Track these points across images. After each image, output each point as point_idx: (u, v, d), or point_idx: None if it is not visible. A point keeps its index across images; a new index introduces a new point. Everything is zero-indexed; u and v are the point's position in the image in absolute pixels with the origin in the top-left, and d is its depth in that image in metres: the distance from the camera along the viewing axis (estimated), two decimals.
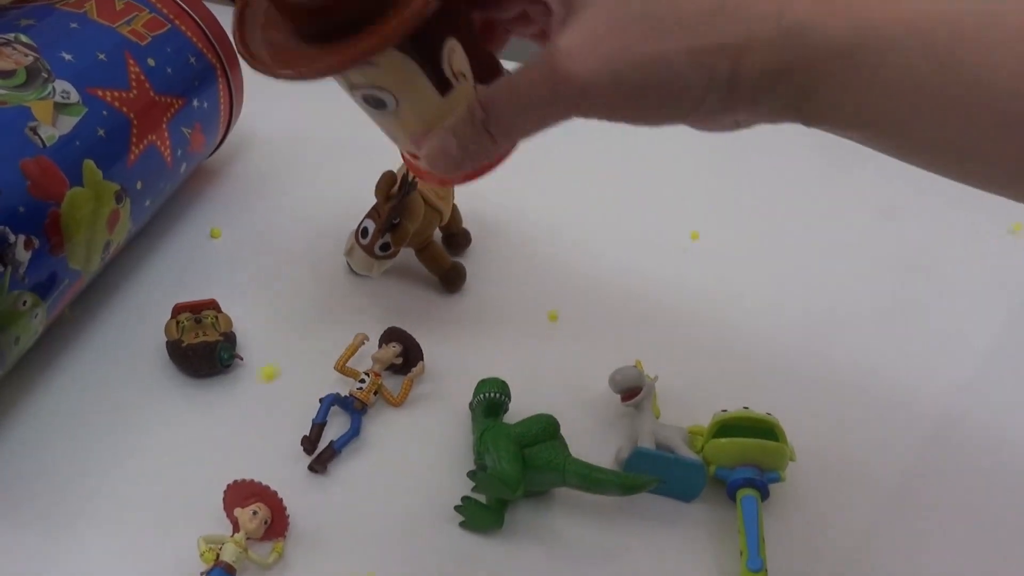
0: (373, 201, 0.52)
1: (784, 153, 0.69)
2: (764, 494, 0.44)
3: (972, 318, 0.57)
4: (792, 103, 0.29)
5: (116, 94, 0.49)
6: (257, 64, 0.32)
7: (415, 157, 0.36)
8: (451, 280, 0.55)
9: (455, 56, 0.33)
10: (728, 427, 0.45)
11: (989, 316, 0.58)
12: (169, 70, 0.53)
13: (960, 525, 0.45)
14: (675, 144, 0.69)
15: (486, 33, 0.38)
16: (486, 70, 0.34)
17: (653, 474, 0.43)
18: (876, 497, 0.46)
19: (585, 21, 0.30)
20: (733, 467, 0.44)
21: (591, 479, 0.42)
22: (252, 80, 0.60)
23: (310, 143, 0.66)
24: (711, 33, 0.28)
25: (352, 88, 0.34)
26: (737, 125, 0.32)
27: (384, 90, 0.33)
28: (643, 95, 0.30)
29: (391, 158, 0.55)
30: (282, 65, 0.31)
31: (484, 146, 0.33)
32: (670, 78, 0.29)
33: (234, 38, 0.33)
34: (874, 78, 0.28)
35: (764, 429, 0.45)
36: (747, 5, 0.28)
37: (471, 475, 0.43)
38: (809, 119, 0.30)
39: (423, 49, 0.32)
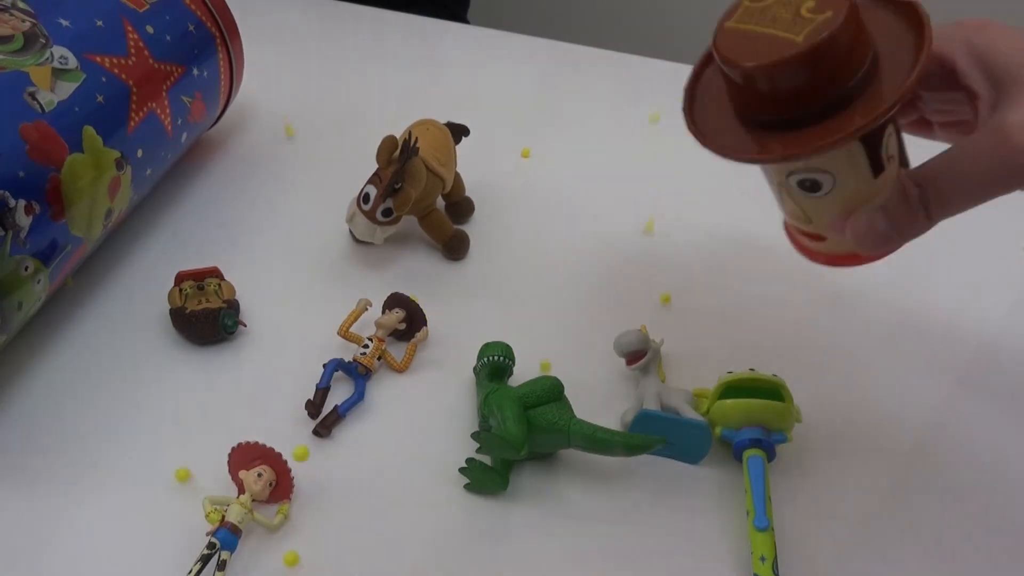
0: (374, 169, 0.52)
1: None
2: (770, 455, 0.43)
3: (984, 284, 0.57)
4: None
5: (115, 60, 0.49)
6: (711, 144, 0.34)
7: (813, 237, 0.38)
8: (454, 247, 0.55)
9: (891, 140, 0.35)
10: (734, 388, 0.45)
11: (1002, 283, 0.57)
12: (168, 37, 0.53)
13: (966, 486, 0.45)
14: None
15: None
16: (904, 154, 0.36)
17: (658, 436, 0.43)
18: (882, 457, 0.46)
19: None
20: (739, 428, 0.44)
21: (596, 439, 0.42)
22: (253, 52, 0.60)
23: (312, 113, 0.66)
24: None
25: (791, 173, 0.35)
26: None
27: (826, 173, 0.34)
28: None
29: (391, 125, 0.55)
30: (751, 152, 0.33)
31: (916, 223, 0.34)
32: None
33: (684, 114, 0.36)
34: None
35: (770, 390, 0.44)
36: None
37: (475, 435, 0.42)
38: None
39: (875, 135, 0.33)
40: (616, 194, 0.61)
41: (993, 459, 0.46)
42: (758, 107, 0.33)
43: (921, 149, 0.38)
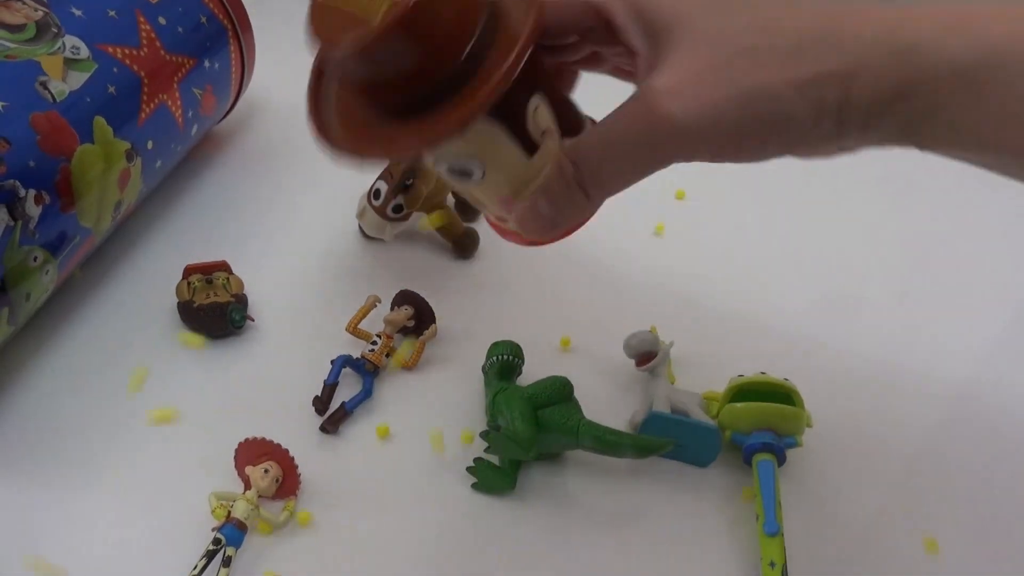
0: (385, 165, 0.52)
1: None
2: (781, 459, 0.43)
3: (991, 291, 0.56)
4: (906, 128, 0.28)
5: (126, 51, 0.48)
6: (335, 146, 0.30)
7: (502, 220, 0.34)
8: (464, 246, 0.55)
9: (540, 113, 0.31)
10: (745, 392, 0.44)
11: (1008, 290, 0.57)
12: (180, 29, 0.52)
13: (976, 488, 0.45)
14: None
15: (556, 77, 0.36)
16: (569, 121, 0.32)
17: (668, 438, 0.42)
18: (893, 462, 0.46)
19: (680, 60, 0.28)
20: (749, 432, 0.44)
21: (605, 441, 0.41)
22: (264, 45, 0.60)
23: None
24: (817, 61, 0.27)
25: (437, 160, 0.32)
26: (841, 151, 0.30)
27: (471, 159, 0.31)
28: (748, 132, 0.28)
29: None
30: (364, 147, 0.30)
31: (577, 203, 0.31)
32: (776, 112, 0.28)
33: (309, 116, 0.31)
34: (1002, 99, 0.26)
35: (781, 394, 0.44)
36: (854, 29, 0.27)
37: (484, 435, 0.42)
38: (924, 144, 0.28)
39: (509, 112, 0.30)
40: (627, 193, 0.61)
41: (1005, 465, 0.46)
42: (376, 94, 0.30)
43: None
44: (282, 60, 0.67)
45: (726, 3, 0.29)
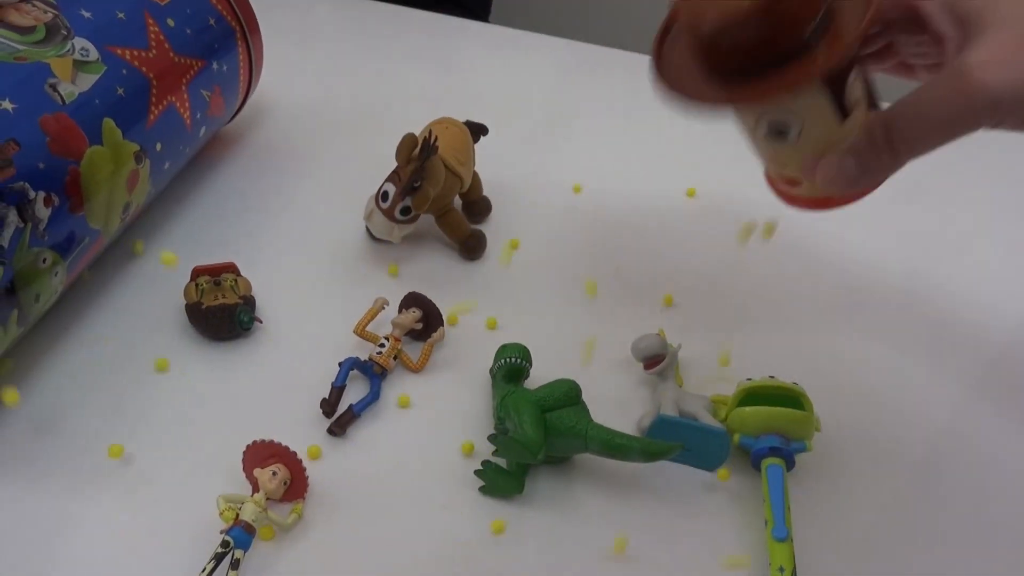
0: (392, 167, 0.52)
1: None
2: (790, 464, 0.43)
3: (1000, 291, 0.56)
4: None
5: (135, 53, 0.48)
6: (677, 89, 0.35)
7: (791, 185, 0.39)
8: (471, 247, 0.55)
9: (856, 85, 0.35)
10: (753, 396, 0.44)
11: (1017, 289, 0.56)
12: (188, 31, 0.52)
13: (986, 496, 0.44)
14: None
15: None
16: (872, 98, 0.37)
17: (676, 442, 0.42)
18: (903, 467, 0.46)
19: (992, 38, 0.31)
20: (758, 436, 0.43)
21: (613, 445, 0.41)
22: (272, 47, 0.60)
23: (330, 110, 0.65)
24: None
25: (760, 117, 0.36)
26: None
27: (793, 116, 0.35)
28: None
29: (410, 124, 0.55)
30: (706, 92, 0.34)
31: (884, 163, 0.35)
32: None
33: (652, 63, 0.36)
34: None
35: (790, 398, 0.44)
36: None
37: (492, 438, 0.42)
38: None
39: (838, 80, 0.34)
40: (635, 196, 0.61)
41: (1017, 467, 0.46)
42: (721, 60, 0.34)
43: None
44: (290, 61, 0.67)
45: None
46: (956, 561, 0.42)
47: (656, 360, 0.47)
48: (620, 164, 0.64)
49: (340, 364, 0.46)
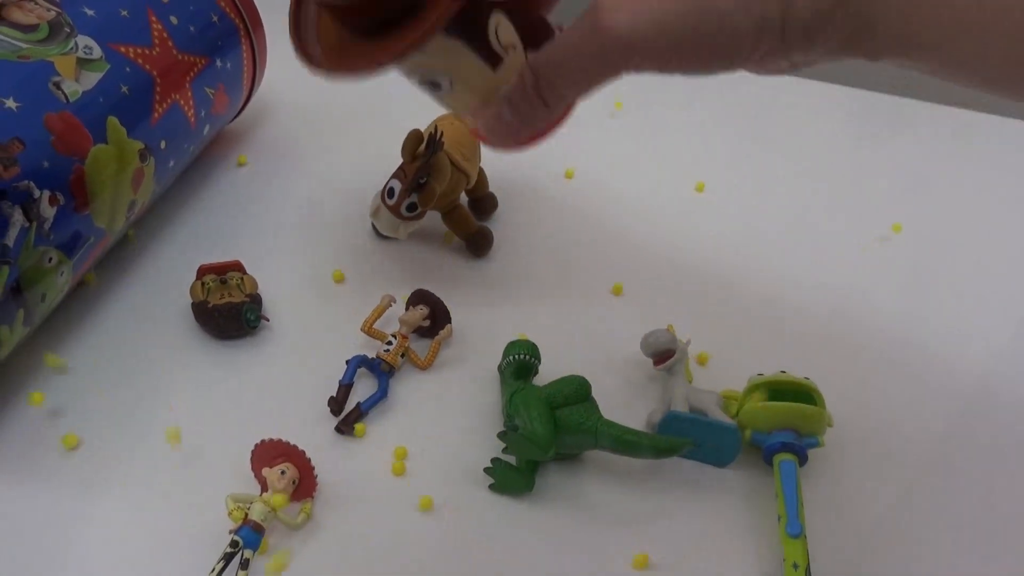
0: (398, 163, 0.51)
1: (815, 122, 0.67)
2: (802, 459, 0.42)
3: (1012, 284, 0.56)
4: (849, 40, 0.28)
5: (139, 51, 0.48)
6: (313, 65, 0.33)
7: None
8: (478, 244, 0.55)
9: (502, 29, 0.34)
10: (765, 391, 0.44)
11: None
12: (192, 28, 0.52)
13: (998, 490, 0.44)
14: (707, 110, 0.68)
15: None
16: (537, 36, 0.35)
17: (687, 438, 0.42)
18: (916, 462, 0.45)
19: None
20: (770, 431, 0.43)
21: (624, 441, 0.41)
22: (276, 44, 0.59)
23: (335, 107, 0.65)
24: None
25: (409, 73, 0.35)
26: (792, 66, 0.31)
27: (437, 72, 0.34)
28: (692, 45, 0.29)
29: (416, 120, 0.55)
30: (335, 65, 0.33)
31: (538, 111, 0.33)
32: (719, 26, 0.28)
33: (292, 39, 0.34)
34: (937, 7, 0.27)
35: (802, 393, 0.43)
36: None
37: (502, 435, 0.42)
38: (870, 54, 0.29)
39: (468, 30, 0.33)
40: (643, 191, 0.60)
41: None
42: (348, 16, 0.33)
43: None
44: (294, 58, 0.67)
45: None
46: (969, 556, 0.41)
47: (666, 356, 0.47)
48: (630, 159, 0.63)
49: (347, 362, 0.46)
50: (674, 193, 0.61)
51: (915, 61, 0.29)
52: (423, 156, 0.50)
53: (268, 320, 0.49)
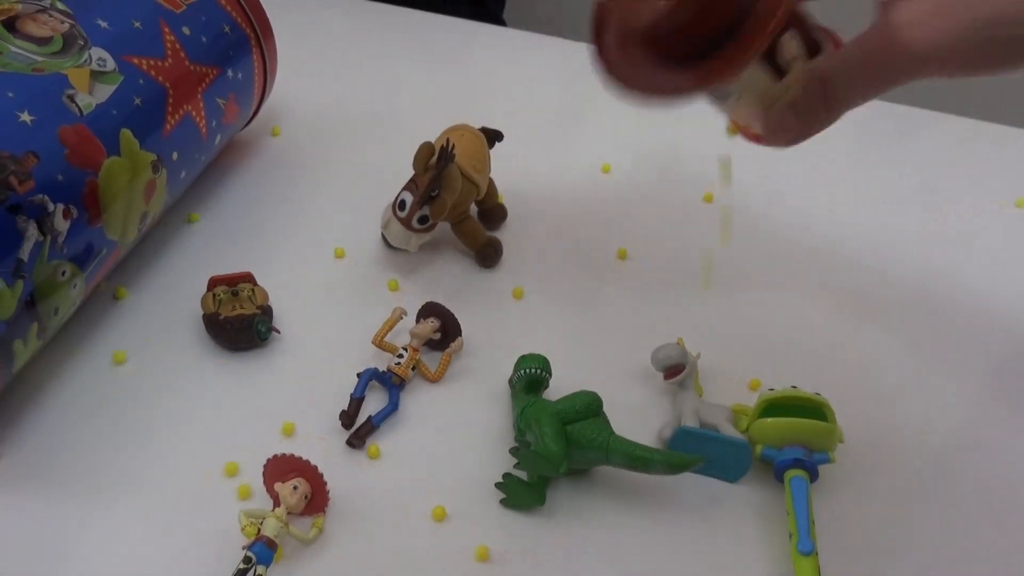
0: (409, 175, 0.51)
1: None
2: (813, 475, 0.42)
3: (1017, 295, 0.56)
4: None
5: (152, 62, 0.48)
6: (625, 82, 0.37)
7: (750, 126, 0.41)
8: (487, 255, 0.55)
9: (789, 45, 0.37)
10: (775, 406, 0.44)
11: None
12: (204, 39, 0.52)
13: (1012, 507, 0.44)
14: (717, 120, 0.68)
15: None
16: (811, 42, 0.38)
17: (698, 453, 0.42)
18: (928, 479, 0.45)
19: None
20: (781, 447, 0.43)
21: (636, 457, 0.41)
22: (286, 53, 0.59)
23: (345, 116, 0.65)
24: None
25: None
26: None
27: (728, 87, 0.38)
28: (984, 55, 0.32)
29: (427, 131, 0.55)
30: (648, 84, 0.37)
31: (821, 117, 0.36)
32: (1011, 35, 0.31)
33: (596, 58, 0.38)
34: None
35: (813, 409, 0.43)
36: None
37: (514, 451, 0.42)
38: None
39: (768, 49, 0.36)
40: (655, 202, 0.60)
41: None
42: (665, 49, 0.36)
43: None
44: (303, 67, 0.67)
45: None
46: (982, 574, 0.41)
47: (676, 370, 0.47)
48: (638, 168, 0.63)
49: (359, 375, 0.46)
50: (685, 203, 0.61)
51: None
52: (435, 168, 0.50)
53: (279, 332, 0.49)
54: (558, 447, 0.40)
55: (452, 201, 0.51)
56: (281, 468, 0.40)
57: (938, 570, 0.41)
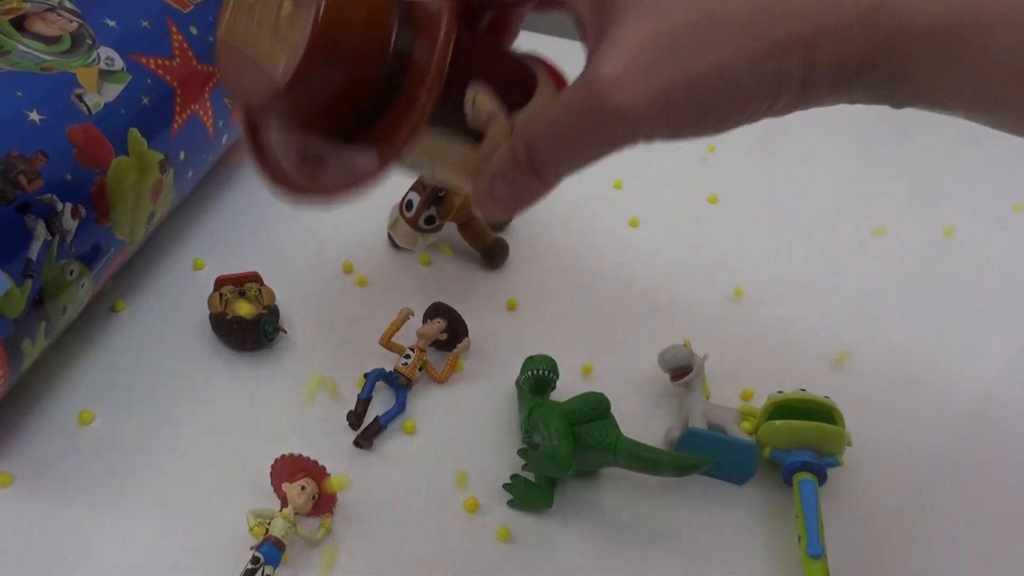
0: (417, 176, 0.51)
1: (822, 133, 0.67)
2: (822, 478, 0.42)
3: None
4: (878, 89, 0.27)
5: (159, 62, 0.48)
6: (289, 190, 0.29)
7: None
8: (493, 256, 0.54)
9: (479, 102, 0.30)
10: (784, 409, 0.44)
11: None
12: (211, 39, 0.52)
13: (1022, 511, 0.44)
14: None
15: (498, 31, 0.34)
16: (516, 89, 0.31)
17: (705, 455, 0.42)
18: (936, 482, 0.45)
19: (624, 40, 0.27)
20: (789, 450, 0.43)
21: (644, 459, 0.41)
22: None
23: None
24: (772, 32, 0.25)
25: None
26: (808, 108, 0.29)
27: (417, 163, 0.31)
28: (702, 114, 0.27)
29: None
30: (306, 188, 0.29)
31: (533, 186, 0.30)
32: (732, 91, 0.26)
33: (249, 151, 0.30)
34: (980, 58, 0.25)
35: (821, 412, 0.43)
36: None
37: (522, 453, 0.42)
38: (899, 102, 0.27)
39: (444, 113, 0.29)
40: (657, 202, 0.60)
41: None
42: (311, 124, 0.28)
43: None
44: None
45: None
46: (995, 574, 0.41)
47: (683, 372, 0.46)
48: (650, 167, 0.63)
49: (366, 375, 0.46)
50: (687, 205, 0.61)
51: (955, 111, 0.27)
52: None
53: (286, 332, 0.49)
54: (567, 449, 0.40)
55: (459, 202, 0.51)
56: (289, 468, 0.40)
57: (948, 574, 0.41)
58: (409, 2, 0.28)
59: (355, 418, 0.45)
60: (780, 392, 0.44)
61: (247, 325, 0.47)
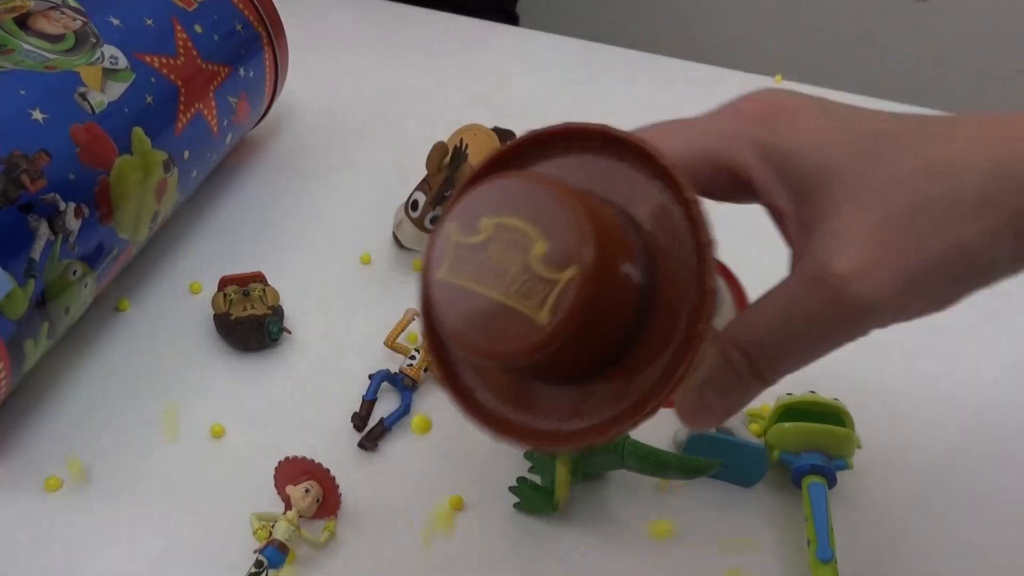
0: (421, 175, 0.51)
1: None
2: (831, 482, 0.42)
3: None
4: None
5: (164, 60, 0.48)
6: (499, 430, 0.28)
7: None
8: None
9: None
10: (793, 411, 0.43)
11: None
12: (216, 37, 0.52)
13: None
14: None
15: None
16: (713, 302, 0.28)
17: (713, 458, 0.41)
18: (947, 486, 0.44)
19: (849, 231, 0.26)
20: (798, 453, 0.42)
21: (651, 461, 0.41)
22: (297, 51, 0.59)
23: (356, 115, 0.65)
24: (1007, 201, 0.25)
25: None
26: None
27: None
28: (947, 291, 0.27)
29: (439, 131, 0.54)
30: (529, 432, 0.27)
31: (752, 390, 0.29)
32: (976, 265, 0.26)
33: (452, 397, 0.29)
34: None
35: (831, 414, 0.43)
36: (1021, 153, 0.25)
37: (528, 455, 0.41)
38: None
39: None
40: None
41: None
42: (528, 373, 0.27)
43: None
44: (315, 66, 0.67)
45: (875, 145, 0.27)
46: None
47: None
48: None
49: (371, 377, 0.46)
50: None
51: None
52: (448, 169, 0.49)
53: (291, 333, 0.48)
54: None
55: None
56: (293, 471, 0.39)
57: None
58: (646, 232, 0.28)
59: (360, 420, 0.44)
60: (789, 394, 0.44)
61: (251, 325, 0.47)
